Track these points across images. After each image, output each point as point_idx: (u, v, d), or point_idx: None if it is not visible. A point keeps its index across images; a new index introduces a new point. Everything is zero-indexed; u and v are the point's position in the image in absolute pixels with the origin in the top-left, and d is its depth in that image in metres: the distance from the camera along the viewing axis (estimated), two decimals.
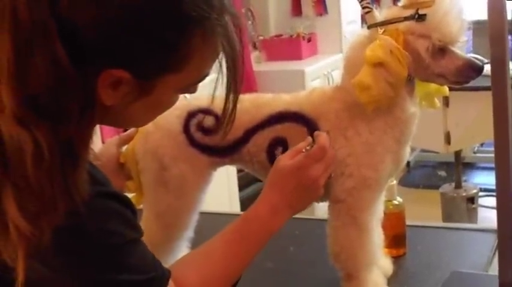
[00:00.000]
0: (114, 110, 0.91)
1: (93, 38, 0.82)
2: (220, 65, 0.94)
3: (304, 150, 1.17)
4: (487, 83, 1.19)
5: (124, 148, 1.46)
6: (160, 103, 0.96)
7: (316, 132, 1.21)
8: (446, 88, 1.38)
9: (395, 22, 1.28)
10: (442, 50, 1.28)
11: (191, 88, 0.98)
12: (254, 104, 1.38)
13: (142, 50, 0.86)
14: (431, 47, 1.27)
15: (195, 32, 0.88)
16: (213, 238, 1.13)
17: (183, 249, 1.52)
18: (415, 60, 1.27)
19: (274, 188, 1.17)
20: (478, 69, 1.29)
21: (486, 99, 1.24)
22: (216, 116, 1.37)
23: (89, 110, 0.85)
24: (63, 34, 0.80)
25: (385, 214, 1.46)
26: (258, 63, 4.69)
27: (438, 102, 1.41)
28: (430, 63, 1.28)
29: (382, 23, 1.29)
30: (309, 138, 1.20)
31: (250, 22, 4.78)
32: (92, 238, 0.89)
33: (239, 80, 0.96)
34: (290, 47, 4.74)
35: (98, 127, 0.93)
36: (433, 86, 1.37)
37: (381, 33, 1.27)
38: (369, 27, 1.31)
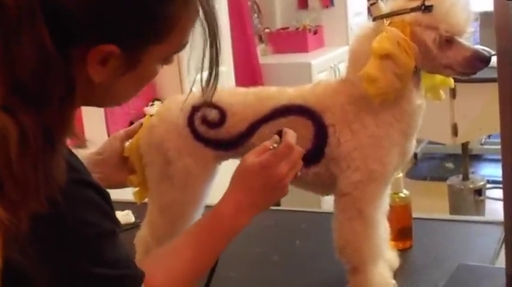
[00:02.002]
0: (101, 88, 0.91)
1: (80, 15, 0.83)
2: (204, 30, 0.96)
3: (271, 147, 1.16)
4: (494, 74, 1.19)
5: (128, 142, 1.46)
6: (145, 75, 0.97)
7: (284, 129, 1.19)
8: (451, 80, 1.38)
9: (401, 13, 1.27)
10: (449, 41, 1.27)
11: (170, 58, 0.99)
12: (258, 97, 1.38)
13: (129, 21, 0.87)
14: (438, 38, 1.26)
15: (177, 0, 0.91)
16: (179, 236, 1.14)
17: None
18: (422, 52, 1.26)
19: (239, 186, 1.16)
20: (485, 60, 1.28)
21: (493, 91, 1.24)
22: (220, 110, 1.37)
23: (71, 94, 0.85)
24: (49, 18, 0.80)
25: (391, 206, 1.46)
26: (264, 56, 4.68)
27: (443, 94, 1.41)
28: (437, 54, 1.27)
29: (388, 15, 1.28)
30: (276, 137, 1.18)
31: (256, 15, 4.77)
32: (67, 227, 0.88)
33: (219, 46, 0.99)
34: (296, 40, 4.73)
35: (103, 122, 0.94)
36: (438, 77, 1.36)
37: (387, 25, 1.27)
38: (374, 19, 1.30)
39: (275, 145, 1.16)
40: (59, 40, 0.81)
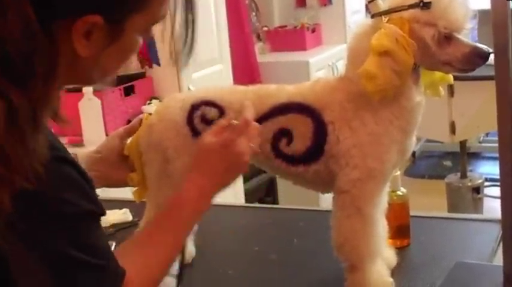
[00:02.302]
0: (86, 63, 0.92)
1: None
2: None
3: (228, 124, 1.17)
4: (492, 72, 1.19)
5: (128, 140, 1.46)
6: (127, 47, 0.98)
7: (240, 104, 1.19)
8: (450, 76, 1.38)
9: (400, 10, 1.27)
10: (447, 38, 1.27)
11: (149, 30, 1.00)
12: (257, 95, 1.38)
13: None
14: (437, 35, 1.26)
15: None
16: (145, 225, 1.13)
17: (187, 241, 1.52)
18: (421, 49, 1.26)
19: (200, 169, 1.16)
20: (484, 56, 1.28)
21: (491, 89, 1.24)
22: (219, 108, 1.37)
23: (55, 71, 0.86)
24: None
25: (389, 204, 1.46)
26: (262, 55, 4.68)
27: (442, 91, 1.40)
28: (436, 51, 1.27)
29: (387, 12, 1.28)
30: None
31: (254, 13, 4.77)
32: (45, 204, 0.88)
33: (195, 10, 1.00)
34: (294, 38, 4.73)
35: (101, 120, 0.95)
36: (437, 74, 1.36)
37: (385, 22, 1.27)
38: (372, 16, 1.30)
39: (233, 122, 1.17)
40: (43, 15, 0.82)
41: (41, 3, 0.82)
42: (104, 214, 0.98)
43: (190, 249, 1.59)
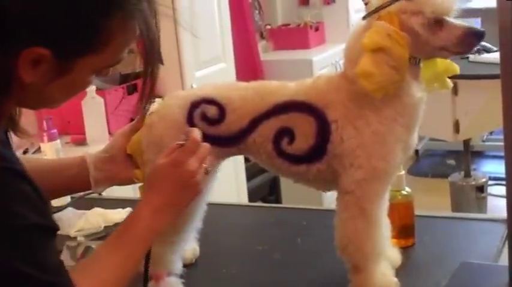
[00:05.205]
0: (32, 89, 0.94)
1: (18, 16, 0.87)
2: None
3: (177, 146, 1.19)
4: (496, 71, 1.18)
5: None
6: (76, 83, 1.00)
7: (187, 129, 1.22)
8: (455, 66, 1.35)
9: (386, 6, 1.26)
10: (439, 23, 1.26)
11: (105, 70, 1.02)
12: (258, 92, 1.37)
13: (66, 30, 0.91)
14: (426, 22, 1.26)
15: (116, 15, 0.95)
16: (101, 243, 1.13)
17: (190, 240, 1.52)
18: (414, 39, 1.25)
19: (153, 189, 1.18)
20: (479, 35, 1.27)
21: (495, 88, 1.23)
22: (219, 106, 1.36)
23: (7, 89, 0.89)
24: None
25: (393, 204, 1.45)
26: (266, 53, 4.67)
27: (451, 82, 1.39)
28: (429, 38, 1.26)
29: (375, 11, 1.28)
30: (182, 136, 1.21)
31: (257, 11, 4.76)
32: None
33: (156, 64, 1.05)
34: (297, 36, 4.72)
35: (104, 120, 0.97)
36: (440, 66, 1.34)
37: (376, 19, 1.26)
38: (364, 18, 1.31)
39: (181, 142, 1.19)
40: None
41: None
42: (57, 229, 0.97)
43: (195, 248, 1.59)
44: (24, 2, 0.88)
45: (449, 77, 1.39)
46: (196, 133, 1.20)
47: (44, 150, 2.20)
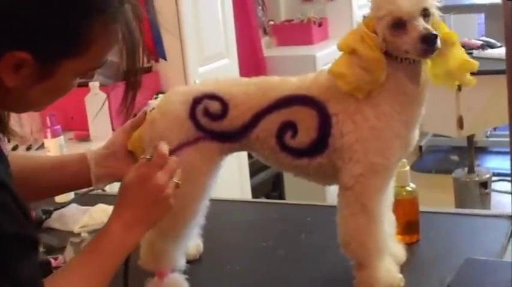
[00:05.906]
0: (15, 93, 0.95)
1: None
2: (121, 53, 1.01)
3: (144, 160, 1.18)
4: (500, 66, 1.17)
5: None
6: (59, 87, 1.00)
7: (155, 143, 1.21)
8: (471, 63, 1.31)
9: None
10: (402, 26, 1.26)
11: (89, 73, 1.03)
12: (260, 87, 1.37)
13: (47, 34, 0.91)
14: (389, 25, 1.26)
15: (97, 19, 0.95)
16: (72, 258, 1.13)
17: (193, 237, 1.51)
18: (384, 40, 1.27)
19: (123, 204, 1.16)
20: (427, 40, 1.24)
21: (499, 83, 1.23)
22: (221, 101, 1.36)
23: None
24: None
25: (398, 200, 1.44)
26: (269, 49, 4.66)
27: (470, 77, 1.33)
28: (396, 41, 1.27)
29: (367, 16, 1.31)
30: (150, 150, 1.20)
31: (260, 7, 4.76)
32: None
33: (138, 67, 1.05)
34: (301, 32, 4.71)
35: (108, 116, 0.97)
36: (452, 63, 1.31)
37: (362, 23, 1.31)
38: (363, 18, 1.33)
39: (148, 156, 1.18)
40: None
41: None
42: (37, 240, 0.96)
43: (198, 245, 1.58)
44: (3, 7, 0.88)
45: None
46: (164, 147, 1.19)
47: (48, 146, 2.20)
